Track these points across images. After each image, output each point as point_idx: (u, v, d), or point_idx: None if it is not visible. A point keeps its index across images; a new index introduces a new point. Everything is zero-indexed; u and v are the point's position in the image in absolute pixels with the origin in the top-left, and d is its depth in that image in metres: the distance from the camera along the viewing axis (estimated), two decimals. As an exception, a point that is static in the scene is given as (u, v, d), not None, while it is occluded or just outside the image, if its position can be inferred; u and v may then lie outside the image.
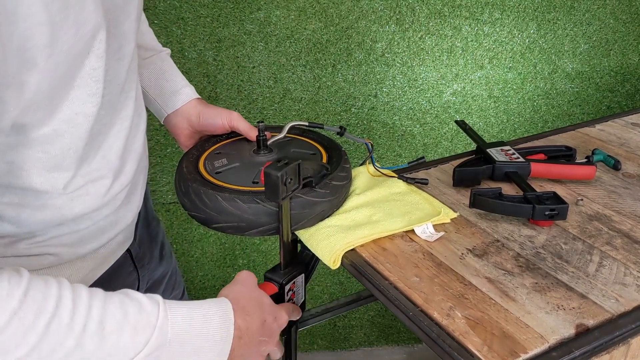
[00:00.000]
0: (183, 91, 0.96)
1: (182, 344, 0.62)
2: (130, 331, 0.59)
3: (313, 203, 0.81)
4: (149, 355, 0.60)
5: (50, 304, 0.55)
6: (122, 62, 0.67)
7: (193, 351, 0.63)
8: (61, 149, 0.62)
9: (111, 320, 0.58)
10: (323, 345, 1.96)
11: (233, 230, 0.81)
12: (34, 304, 0.54)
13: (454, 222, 0.87)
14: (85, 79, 0.59)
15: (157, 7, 1.39)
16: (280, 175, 0.72)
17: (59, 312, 0.55)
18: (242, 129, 0.95)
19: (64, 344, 0.55)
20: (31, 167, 0.61)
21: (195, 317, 0.63)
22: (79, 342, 0.56)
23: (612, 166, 1.04)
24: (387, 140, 1.69)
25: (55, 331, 0.54)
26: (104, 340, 0.57)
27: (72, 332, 0.55)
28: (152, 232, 0.97)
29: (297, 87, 1.56)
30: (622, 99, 1.86)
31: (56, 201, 0.66)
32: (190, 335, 0.62)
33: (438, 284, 0.73)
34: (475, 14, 1.59)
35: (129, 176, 0.76)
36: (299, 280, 0.85)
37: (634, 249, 0.81)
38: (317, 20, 1.49)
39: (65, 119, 0.60)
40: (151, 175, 1.57)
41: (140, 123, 0.78)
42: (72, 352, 0.55)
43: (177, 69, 0.98)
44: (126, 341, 0.58)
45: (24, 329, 0.53)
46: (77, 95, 0.60)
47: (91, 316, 0.57)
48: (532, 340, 0.64)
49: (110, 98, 0.67)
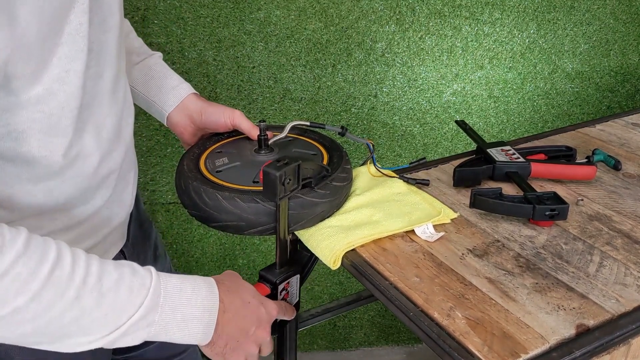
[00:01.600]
0: (179, 87, 0.96)
1: (173, 310, 0.63)
2: (126, 291, 0.60)
3: (313, 203, 0.81)
4: (143, 318, 0.61)
5: (52, 254, 0.56)
6: (109, 33, 0.68)
7: (182, 319, 0.64)
8: (57, 108, 0.62)
9: (108, 278, 0.59)
10: (323, 345, 1.96)
11: (233, 229, 0.81)
12: (37, 250, 0.55)
13: (454, 222, 0.87)
14: (72, 35, 0.60)
15: (157, 7, 1.39)
16: (279, 175, 0.72)
17: (61, 262, 0.56)
18: (244, 127, 0.95)
19: (65, 295, 0.55)
20: (28, 129, 0.61)
21: (185, 286, 0.65)
22: (79, 295, 0.56)
23: (612, 166, 1.04)
24: (387, 140, 1.69)
25: (57, 279, 0.55)
26: (101, 297, 0.58)
27: (72, 283, 0.56)
28: (145, 233, 0.97)
29: (297, 87, 1.56)
30: (622, 99, 1.86)
31: (49, 182, 0.66)
32: (180, 301, 0.64)
33: (438, 284, 0.73)
34: (475, 14, 1.59)
35: (118, 161, 0.76)
36: (293, 280, 0.85)
37: (635, 249, 0.81)
38: (317, 20, 1.49)
39: (56, 78, 0.60)
40: (151, 175, 1.57)
41: (130, 115, 0.80)
42: (70, 305, 0.56)
43: (170, 69, 0.98)
44: (122, 300, 0.59)
45: (27, 273, 0.53)
46: (66, 53, 0.60)
47: (90, 271, 0.58)
48: (533, 340, 0.64)
49: (98, 70, 0.67)
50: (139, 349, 0.98)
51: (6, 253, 0.52)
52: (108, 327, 0.59)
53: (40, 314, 0.54)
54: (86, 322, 0.57)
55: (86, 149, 0.69)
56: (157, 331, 0.63)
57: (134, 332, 0.61)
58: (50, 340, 0.58)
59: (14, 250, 0.53)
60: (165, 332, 0.63)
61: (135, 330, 0.61)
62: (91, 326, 0.58)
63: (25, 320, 0.54)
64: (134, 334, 0.61)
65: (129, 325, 0.60)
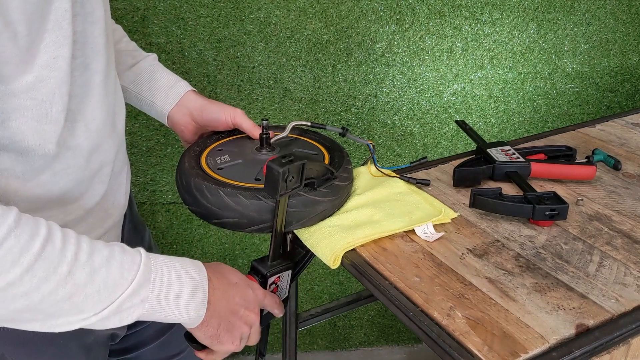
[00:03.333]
0: (177, 85, 0.96)
1: (165, 286, 0.64)
2: (117, 267, 0.60)
3: (315, 202, 0.81)
4: (135, 293, 0.61)
5: (43, 230, 0.56)
6: (94, 26, 0.68)
7: (175, 296, 0.65)
8: (48, 94, 0.62)
9: (99, 254, 0.60)
10: (323, 345, 1.96)
11: (234, 226, 0.81)
12: (28, 226, 0.55)
13: (454, 222, 0.87)
14: (59, 22, 0.61)
15: (157, 7, 1.39)
16: (282, 171, 0.72)
17: (52, 238, 0.57)
18: (245, 126, 0.95)
19: (58, 269, 0.56)
20: (20, 117, 0.61)
21: (174, 263, 0.66)
22: (72, 271, 0.57)
23: (612, 166, 1.04)
24: (387, 140, 1.69)
25: (49, 253, 0.56)
26: (94, 273, 0.58)
27: (65, 259, 0.57)
28: (139, 235, 0.97)
29: (297, 87, 1.56)
30: (622, 99, 1.86)
31: (42, 174, 0.66)
32: (171, 277, 0.65)
33: (438, 284, 0.73)
34: (475, 14, 1.59)
35: (110, 155, 0.76)
36: (284, 275, 0.84)
37: (634, 249, 0.81)
38: (317, 20, 1.49)
39: (45, 64, 0.61)
40: (151, 175, 1.57)
41: (122, 111, 0.81)
42: (64, 281, 0.56)
43: (166, 69, 0.98)
44: (114, 276, 0.60)
45: (19, 247, 0.54)
46: (53, 39, 0.61)
47: (81, 247, 0.59)
48: (533, 340, 0.64)
49: (85, 60, 0.68)
50: (134, 351, 0.98)
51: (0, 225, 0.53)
52: (101, 303, 0.59)
53: (33, 288, 0.55)
54: (79, 299, 0.58)
55: (76, 139, 0.69)
56: (151, 308, 0.63)
57: (128, 309, 0.61)
58: (43, 317, 0.58)
59: (6, 225, 0.53)
60: (160, 310, 0.64)
61: (129, 307, 0.61)
62: (84, 303, 0.58)
63: (19, 295, 0.55)
64: (127, 310, 0.61)
65: (122, 301, 0.60)
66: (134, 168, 1.54)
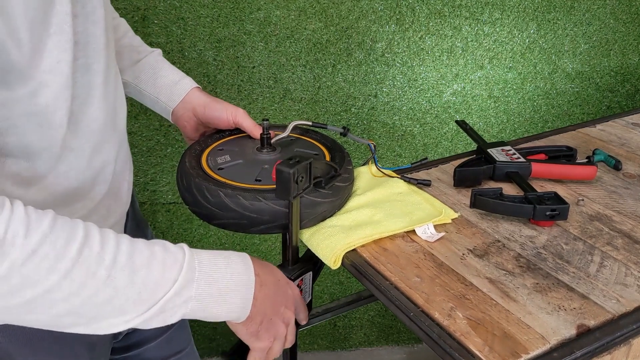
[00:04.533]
0: (182, 82, 0.96)
1: (209, 284, 0.62)
2: (158, 267, 0.59)
3: (316, 203, 0.81)
4: (178, 294, 0.60)
5: (79, 234, 0.55)
6: (96, 26, 0.68)
7: (219, 294, 0.63)
8: (52, 99, 0.62)
9: (139, 255, 0.58)
10: (323, 345, 1.96)
11: (234, 227, 0.81)
12: (63, 231, 0.55)
13: (455, 222, 0.87)
14: (60, 25, 0.60)
15: (157, 7, 1.39)
16: (293, 172, 0.72)
17: (89, 242, 0.56)
18: (246, 126, 0.95)
19: (96, 274, 0.55)
20: (25, 122, 0.61)
21: (219, 260, 0.64)
22: (111, 274, 0.56)
23: (612, 166, 1.04)
24: (387, 140, 1.69)
25: (87, 258, 0.55)
26: (134, 274, 0.57)
27: (103, 262, 0.55)
28: (142, 233, 0.97)
29: (297, 87, 1.56)
30: (622, 99, 1.86)
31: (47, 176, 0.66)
32: (215, 275, 0.63)
33: (439, 285, 0.73)
34: (475, 14, 1.59)
35: (111, 154, 0.76)
36: (307, 277, 0.84)
37: (635, 249, 0.81)
38: (317, 20, 1.49)
39: (48, 69, 0.61)
40: (151, 175, 1.57)
41: (123, 109, 0.80)
42: (103, 285, 0.55)
43: (171, 65, 0.99)
44: (156, 277, 0.58)
45: (55, 252, 0.53)
46: (55, 43, 0.60)
47: (120, 249, 0.57)
48: (534, 340, 0.64)
49: (87, 61, 0.67)
50: (136, 348, 0.98)
51: (32, 233, 0.52)
52: (143, 305, 0.58)
53: (73, 293, 0.54)
54: (120, 302, 0.57)
55: (78, 140, 0.69)
56: (195, 307, 0.61)
57: (171, 309, 0.60)
58: (85, 321, 0.57)
59: (40, 231, 0.53)
60: (204, 309, 0.62)
61: (172, 307, 0.60)
62: (126, 305, 0.57)
63: (58, 300, 0.54)
64: (170, 310, 0.60)
65: (165, 302, 0.59)
66: (134, 168, 1.54)
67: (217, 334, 1.86)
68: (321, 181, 0.81)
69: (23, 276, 0.52)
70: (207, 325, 1.84)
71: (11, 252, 0.51)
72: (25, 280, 0.52)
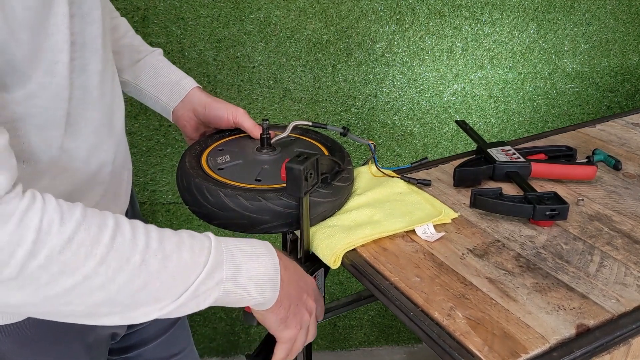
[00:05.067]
0: (183, 82, 0.96)
1: (237, 267, 0.63)
2: (188, 251, 0.60)
3: (315, 203, 0.81)
4: (210, 276, 0.60)
5: (110, 222, 0.56)
6: (93, 26, 0.68)
7: (249, 276, 0.64)
8: (50, 101, 0.62)
9: (169, 241, 0.59)
10: (323, 345, 1.96)
11: (234, 227, 0.81)
12: (95, 219, 0.55)
13: (455, 222, 0.87)
14: (58, 26, 0.60)
15: (157, 7, 1.39)
16: (303, 168, 0.73)
17: (120, 229, 0.56)
18: (246, 126, 0.95)
19: (131, 259, 0.55)
20: (25, 125, 0.61)
21: (243, 244, 0.65)
22: (144, 260, 0.56)
23: (612, 166, 1.04)
24: (387, 140, 1.69)
25: (120, 244, 0.55)
26: (166, 259, 0.58)
27: (136, 247, 0.56)
28: None
29: (297, 87, 1.56)
30: (622, 99, 1.86)
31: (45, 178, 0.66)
32: (243, 258, 0.64)
33: (439, 284, 0.73)
34: (475, 14, 1.59)
35: (109, 154, 0.76)
36: (319, 273, 0.84)
37: (635, 249, 0.81)
38: (317, 20, 1.49)
39: (46, 71, 0.61)
40: (151, 175, 1.57)
41: (121, 109, 0.80)
42: (138, 270, 0.56)
43: (172, 64, 0.99)
44: (186, 261, 0.59)
45: (90, 239, 0.53)
46: (52, 44, 0.60)
47: (151, 236, 0.58)
48: (533, 340, 0.64)
49: (83, 62, 0.67)
50: (134, 350, 0.98)
51: (67, 222, 0.53)
52: (178, 289, 0.59)
53: (109, 279, 0.54)
54: (155, 287, 0.57)
55: (75, 141, 0.69)
56: (226, 290, 0.62)
57: (204, 292, 0.60)
58: (121, 310, 0.57)
59: (74, 219, 0.53)
60: (235, 291, 0.63)
61: (205, 291, 0.60)
62: (160, 290, 0.58)
63: (95, 288, 0.54)
64: (204, 294, 0.61)
65: (198, 285, 0.60)
66: (134, 168, 1.54)
67: (217, 334, 1.86)
68: (327, 177, 0.82)
69: (62, 264, 0.52)
70: (207, 325, 1.84)
71: (49, 240, 0.51)
72: (64, 267, 0.52)
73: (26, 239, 0.50)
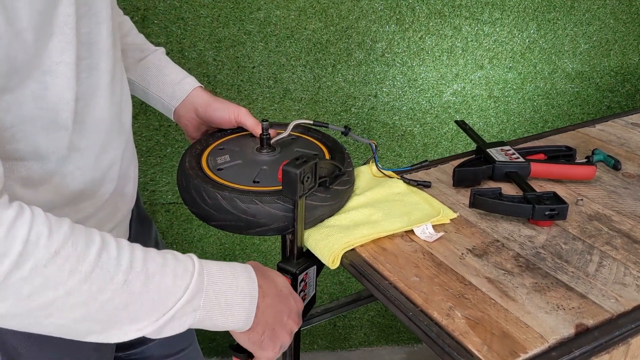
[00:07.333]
0: (185, 81, 0.96)
1: (216, 295, 0.63)
2: (171, 274, 0.60)
3: (313, 207, 0.81)
4: (189, 302, 0.60)
5: (97, 239, 0.56)
6: (101, 25, 0.68)
7: (226, 305, 0.64)
8: (54, 102, 0.62)
9: (153, 262, 0.59)
10: (323, 345, 1.96)
11: (231, 228, 0.81)
12: (82, 235, 0.55)
13: (454, 222, 0.87)
14: (61, 27, 0.60)
15: (157, 7, 1.39)
16: (299, 172, 0.73)
17: (107, 246, 0.56)
18: (248, 124, 0.95)
19: (114, 278, 0.55)
20: (31, 127, 0.61)
21: (225, 270, 0.65)
22: (127, 279, 0.56)
23: (612, 166, 1.04)
24: (387, 140, 1.69)
25: (105, 262, 0.55)
26: (148, 281, 0.58)
27: (120, 267, 0.56)
28: (146, 230, 0.98)
29: (297, 87, 1.56)
30: (622, 99, 1.86)
31: (55, 177, 0.66)
32: (223, 285, 0.64)
33: (438, 284, 0.73)
34: (475, 14, 1.59)
35: (118, 153, 0.76)
36: (311, 271, 0.84)
37: (634, 248, 0.81)
38: (317, 20, 1.49)
39: (48, 71, 0.61)
40: (151, 175, 1.57)
41: (129, 107, 0.81)
42: (120, 290, 0.56)
43: (174, 64, 0.99)
44: (168, 284, 0.59)
45: (76, 255, 0.53)
46: (55, 44, 0.60)
47: (135, 255, 0.58)
48: (532, 340, 0.64)
49: (92, 61, 0.68)
50: (140, 346, 0.99)
51: (55, 234, 0.53)
52: (157, 312, 0.59)
53: (92, 297, 0.54)
54: (135, 308, 0.57)
55: (85, 140, 0.69)
56: (201, 317, 0.62)
57: (181, 317, 0.61)
58: (100, 328, 0.57)
59: (62, 232, 0.53)
60: (210, 318, 0.63)
61: (182, 316, 0.61)
62: (140, 311, 0.58)
63: (77, 304, 0.54)
64: (180, 319, 0.61)
65: (176, 310, 0.60)
66: (134, 168, 1.54)
67: (217, 334, 1.86)
68: (326, 181, 0.82)
69: (45, 277, 0.52)
70: (207, 325, 1.84)
71: (35, 252, 0.51)
72: (47, 281, 0.52)
73: (13, 250, 0.50)
